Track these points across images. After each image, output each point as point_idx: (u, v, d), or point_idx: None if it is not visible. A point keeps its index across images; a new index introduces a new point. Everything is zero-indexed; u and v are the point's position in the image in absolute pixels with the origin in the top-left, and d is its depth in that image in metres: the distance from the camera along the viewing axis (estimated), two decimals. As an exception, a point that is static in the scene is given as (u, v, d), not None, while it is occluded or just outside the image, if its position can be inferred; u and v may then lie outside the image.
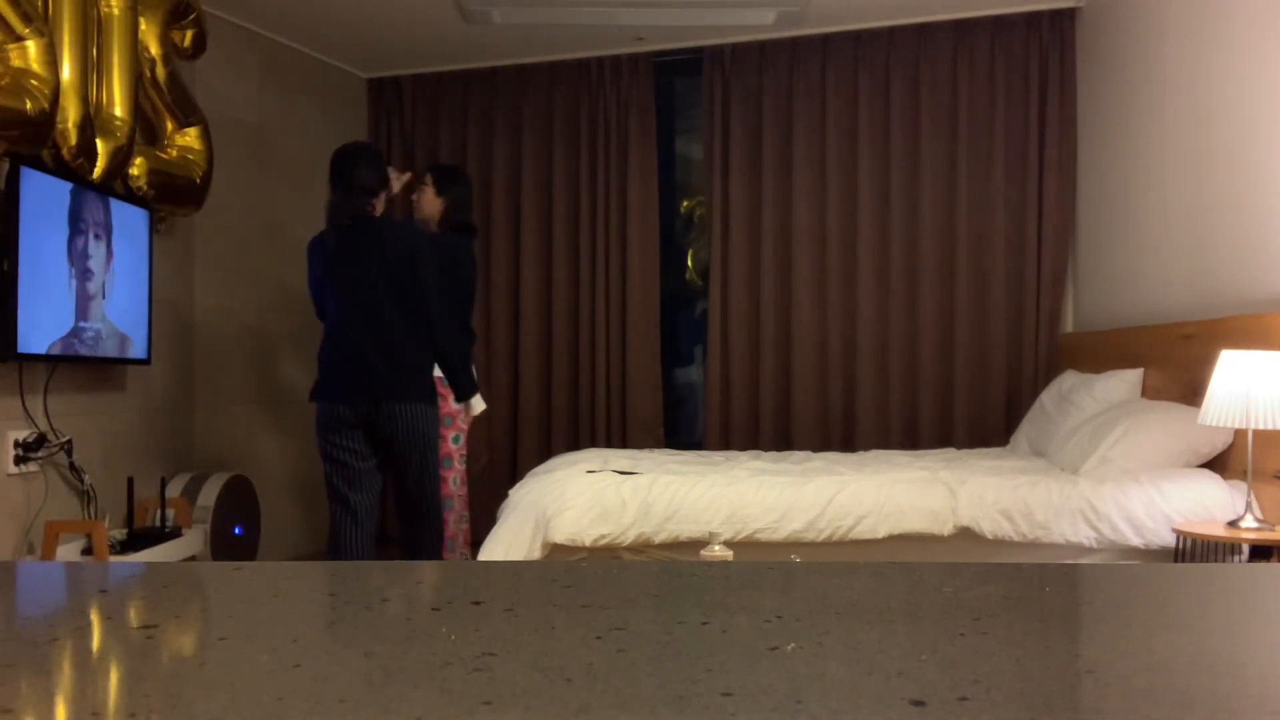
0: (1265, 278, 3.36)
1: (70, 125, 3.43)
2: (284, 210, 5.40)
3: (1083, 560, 3.24)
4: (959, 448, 4.86)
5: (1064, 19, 5.08)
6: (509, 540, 3.36)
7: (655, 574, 0.83)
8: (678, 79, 5.83)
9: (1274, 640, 0.67)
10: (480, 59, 5.72)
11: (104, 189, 3.75)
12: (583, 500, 3.39)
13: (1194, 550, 3.06)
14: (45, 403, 3.64)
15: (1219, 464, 3.46)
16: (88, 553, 3.66)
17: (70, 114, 3.42)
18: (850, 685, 0.54)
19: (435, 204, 4.22)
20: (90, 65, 3.57)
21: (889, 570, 0.84)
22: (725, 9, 4.94)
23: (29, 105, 3.13)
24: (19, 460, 3.50)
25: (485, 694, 0.52)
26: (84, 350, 3.68)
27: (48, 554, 3.48)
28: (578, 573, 0.82)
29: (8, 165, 3.27)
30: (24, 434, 3.53)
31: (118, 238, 3.87)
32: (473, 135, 5.81)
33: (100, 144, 3.62)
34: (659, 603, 0.74)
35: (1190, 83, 3.88)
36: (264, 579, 0.81)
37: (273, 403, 5.30)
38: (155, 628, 0.67)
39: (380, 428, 3.52)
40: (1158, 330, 4.00)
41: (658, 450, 4.58)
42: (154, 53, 4.03)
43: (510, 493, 3.65)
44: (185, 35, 4.24)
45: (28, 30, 3.15)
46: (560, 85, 5.70)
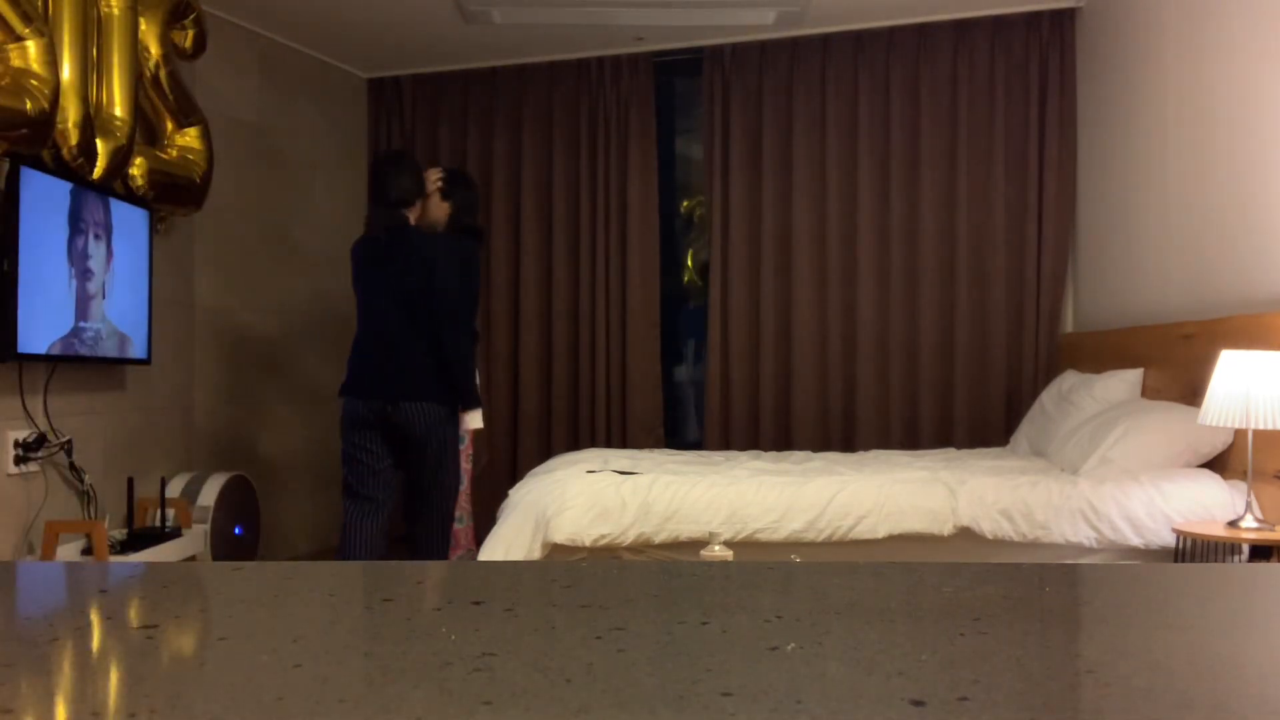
0: (1265, 278, 3.36)
1: (70, 125, 3.43)
2: (284, 210, 5.40)
3: (1083, 560, 3.24)
4: (959, 448, 4.86)
5: (1064, 19, 5.08)
6: (509, 540, 3.36)
7: (655, 574, 0.83)
8: (678, 79, 5.83)
9: (1274, 640, 0.67)
10: (480, 59, 5.72)
11: (104, 189, 3.75)
12: (583, 500, 3.39)
13: (1194, 550, 3.06)
14: (45, 403, 3.64)
15: (1219, 464, 3.46)
16: (88, 553, 3.66)
17: (70, 114, 3.42)
18: (850, 685, 0.54)
19: (442, 208, 4.23)
20: (90, 65, 3.57)
21: (889, 570, 0.84)
22: (725, 9, 4.94)
23: (29, 105, 3.13)
24: (19, 460, 3.50)
25: (485, 694, 0.52)
26: (84, 350, 3.68)
27: (48, 554, 3.48)
28: (578, 573, 0.82)
29: (8, 165, 3.27)
30: (24, 434, 3.53)
31: (118, 238, 3.87)
32: (473, 135, 5.81)
33: (100, 144, 3.62)
34: (659, 603, 0.74)
35: (1190, 83, 3.88)
36: (264, 579, 0.81)
37: (273, 402, 5.30)
38: (155, 628, 0.67)
39: (397, 426, 3.60)
40: (1158, 330, 4.00)
41: (658, 450, 4.58)
42: (154, 53, 4.03)
43: (510, 493, 3.66)
44: (185, 35, 4.24)
45: (28, 30, 3.15)
46: (560, 85, 5.70)
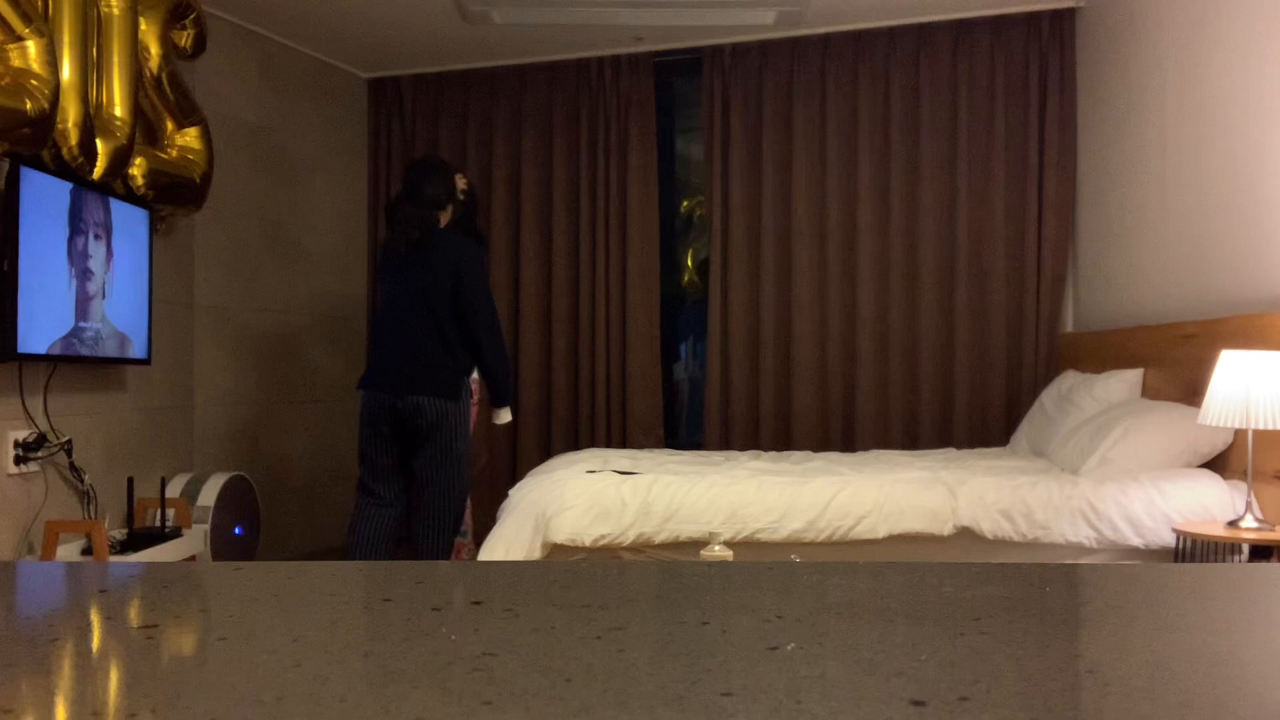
0: (1265, 278, 3.36)
1: (70, 125, 3.43)
2: (284, 210, 5.40)
3: (1083, 560, 3.24)
4: (959, 448, 4.86)
5: (1064, 19, 5.07)
6: (509, 540, 3.36)
7: (655, 574, 0.83)
8: (678, 79, 5.83)
9: (1274, 640, 0.67)
10: (480, 59, 5.72)
11: (104, 189, 3.75)
12: (583, 500, 3.39)
13: (1194, 550, 3.06)
14: (45, 403, 3.64)
15: (1219, 464, 3.46)
16: (88, 553, 3.66)
17: (70, 114, 3.42)
18: (850, 685, 0.54)
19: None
20: (90, 65, 3.57)
21: (889, 570, 0.84)
22: (725, 9, 4.94)
23: (29, 105, 3.13)
24: (19, 460, 3.50)
25: (485, 694, 0.52)
26: (84, 350, 3.68)
27: (48, 554, 3.48)
28: (578, 573, 0.82)
29: (8, 165, 3.27)
30: (24, 434, 3.53)
31: (118, 238, 3.87)
32: (473, 135, 5.81)
33: (100, 144, 3.62)
34: (659, 603, 0.74)
35: (1190, 83, 3.88)
36: (264, 579, 0.81)
37: (273, 402, 5.30)
38: (155, 628, 0.67)
39: (405, 419, 3.68)
40: (1158, 330, 4.00)
41: (658, 450, 4.58)
42: (154, 53, 4.03)
43: (510, 493, 3.65)
44: (185, 35, 4.24)
45: (28, 30, 3.15)
46: (560, 85, 5.70)
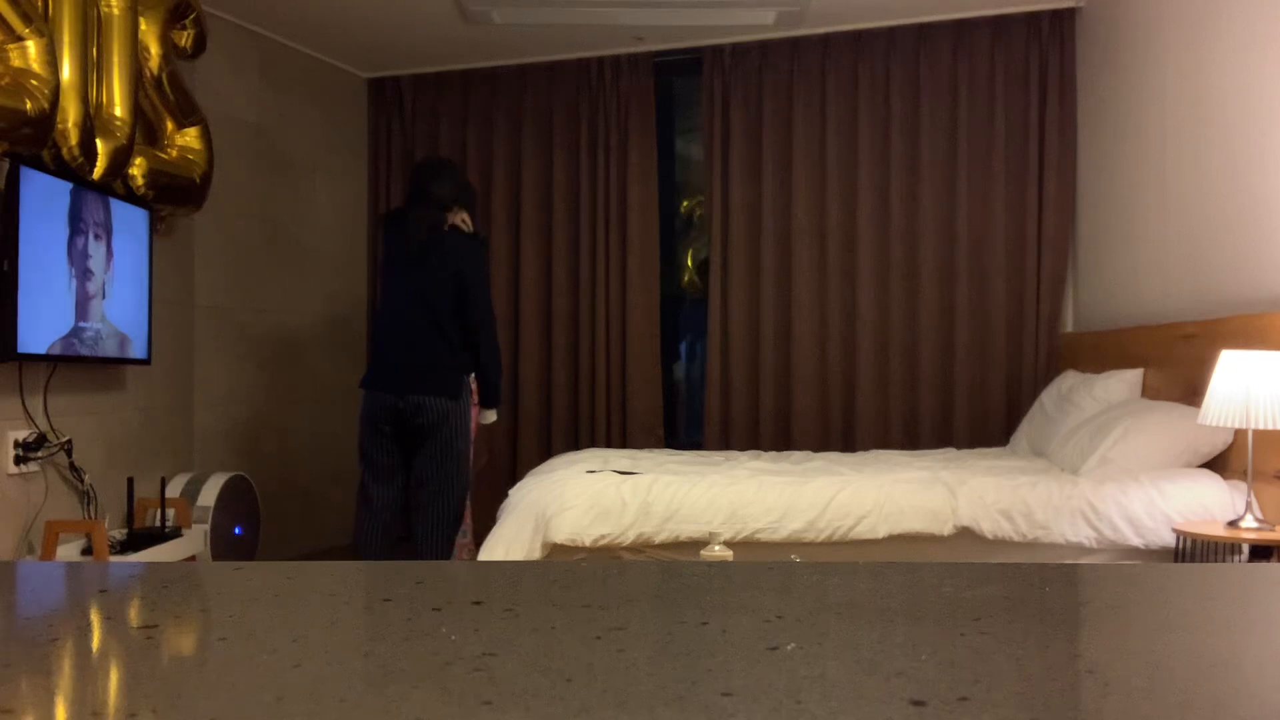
0: (1265, 278, 3.36)
1: (70, 125, 3.43)
2: (284, 210, 5.40)
3: (1083, 560, 3.24)
4: (959, 448, 4.86)
5: (1064, 19, 5.07)
6: (509, 540, 3.36)
7: (655, 574, 0.83)
8: (678, 79, 5.83)
9: (1274, 640, 0.67)
10: (480, 59, 5.72)
11: (104, 189, 3.75)
12: (583, 500, 3.39)
13: (1194, 550, 3.06)
14: (45, 403, 3.64)
15: (1219, 464, 3.46)
16: (88, 553, 3.66)
17: (70, 114, 3.42)
18: (850, 685, 0.54)
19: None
20: (90, 65, 3.57)
21: (889, 570, 0.84)
22: (725, 9, 4.94)
23: (29, 105, 3.13)
24: (19, 460, 3.50)
25: (485, 694, 0.52)
26: (84, 350, 3.68)
27: (48, 554, 3.48)
28: (578, 573, 0.82)
29: (8, 165, 3.27)
30: (24, 434, 3.53)
31: (118, 238, 3.87)
32: (473, 135, 5.81)
33: (100, 144, 3.62)
34: (659, 603, 0.74)
35: (1190, 83, 3.88)
36: (264, 579, 0.81)
37: (273, 402, 5.30)
38: (155, 628, 0.67)
39: (407, 419, 3.68)
40: (1158, 330, 4.00)
41: (658, 450, 4.58)
42: (154, 53, 4.03)
43: (510, 493, 3.65)
44: (185, 35, 4.24)
45: (28, 30, 3.15)
46: (560, 85, 5.70)
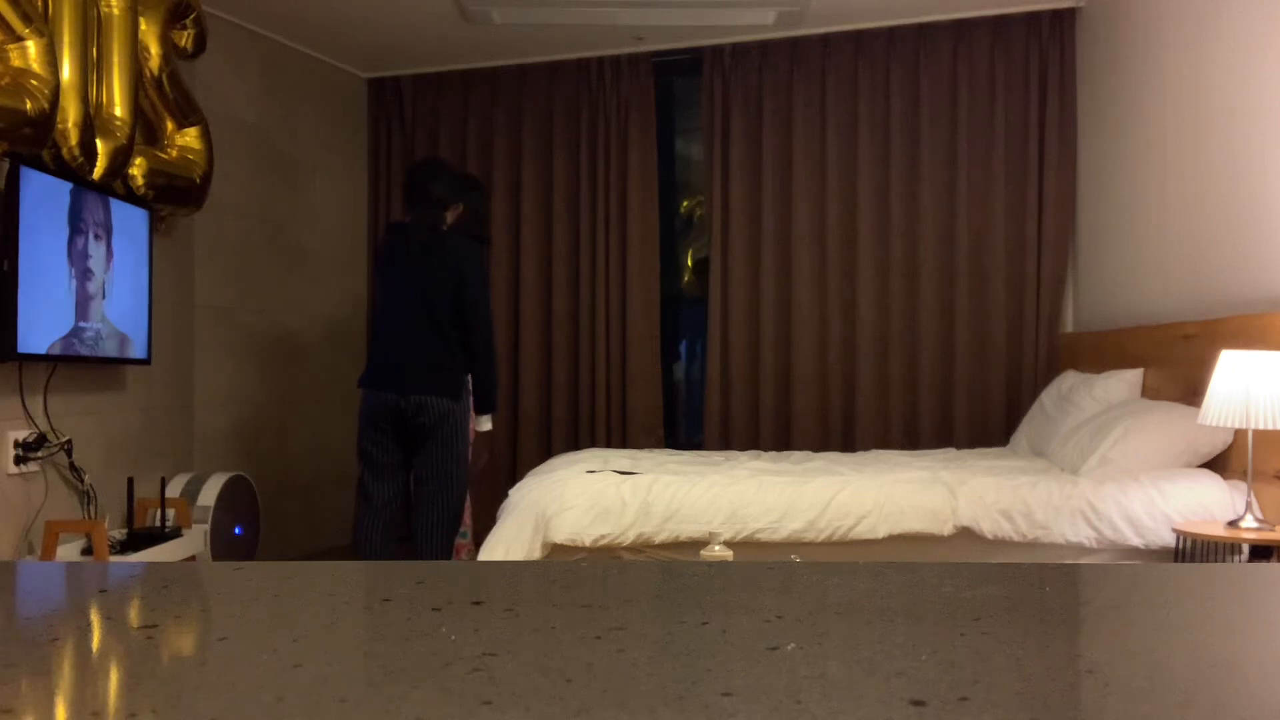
0: (1265, 278, 3.36)
1: (70, 125, 3.43)
2: (284, 210, 5.40)
3: (1083, 560, 3.24)
4: (959, 448, 4.86)
5: (1064, 19, 5.07)
6: (509, 540, 3.36)
7: (655, 574, 0.83)
8: (678, 79, 5.83)
9: (1274, 640, 0.67)
10: (480, 59, 5.72)
11: (104, 189, 3.75)
12: (583, 500, 3.39)
13: (1194, 550, 3.06)
14: (45, 403, 3.64)
15: (1219, 464, 3.46)
16: (88, 553, 3.66)
17: (70, 114, 3.42)
18: (850, 685, 0.54)
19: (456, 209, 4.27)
20: (90, 65, 3.57)
21: (889, 570, 0.84)
22: (725, 9, 4.94)
23: (29, 105, 3.13)
24: (19, 460, 3.50)
25: (485, 694, 0.52)
26: (84, 350, 3.68)
27: (48, 554, 3.48)
28: (578, 573, 0.82)
29: (8, 165, 3.27)
30: (24, 434, 3.53)
31: (118, 238, 3.87)
32: (473, 135, 5.81)
33: (100, 144, 3.62)
34: (659, 603, 0.74)
35: (1190, 83, 3.88)
36: (264, 579, 0.81)
37: (273, 402, 5.30)
38: (155, 628, 0.67)
39: (408, 419, 3.68)
40: (1158, 330, 4.00)
41: (658, 450, 4.58)
42: (154, 53, 4.03)
43: (510, 493, 3.66)
44: (185, 35, 4.24)
45: (28, 30, 3.15)
46: (560, 85, 5.70)
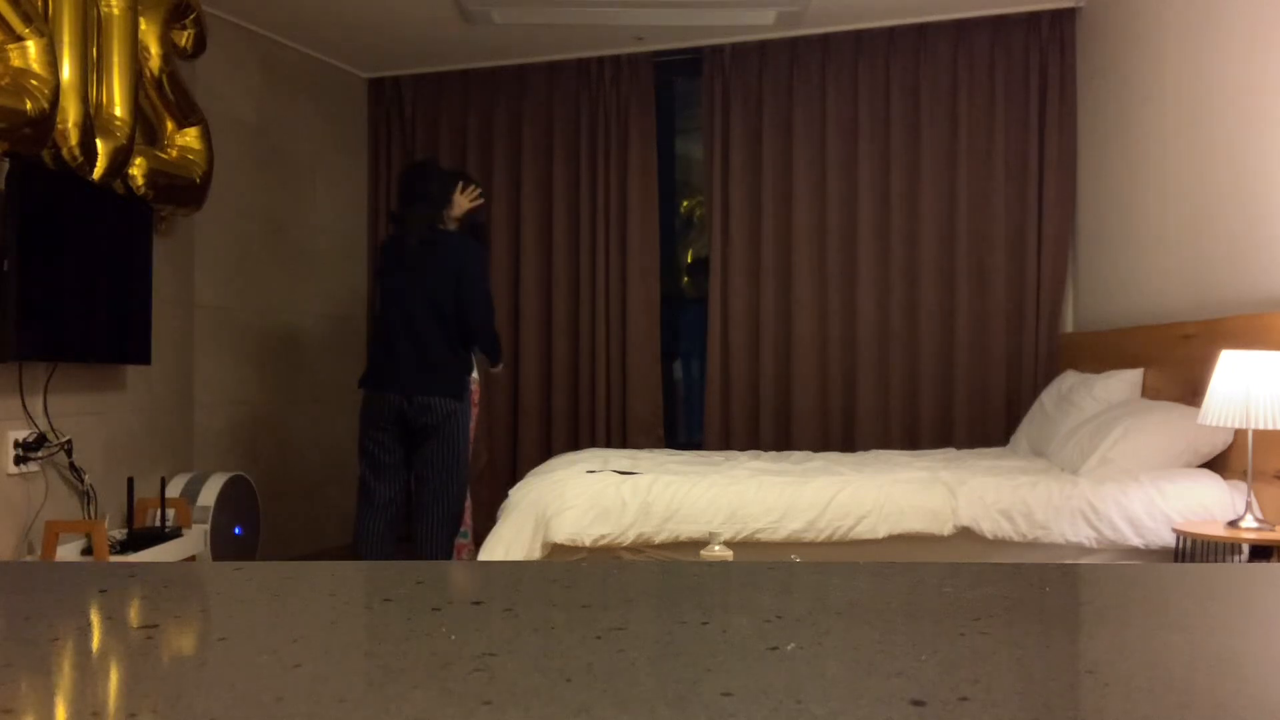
0: (1265, 278, 3.36)
1: (70, 125, 3.43)
2: (284, 210, 5.40)
3: (1083, 560, 3.24)
4: (959, 448, 4.86)
5: (1064, 19, 5.07)
6: (509, 540, 3.36)
7: (655, 574, 0.83)
8: (678, 79, 5.83)
9: (1274, 640, 0.67)
10: (480, 59, 5.72)
11: (104, 189, 3.75)
12: (583, 500, 3.39)
13: (1194, 550, 3.06)
14: (45, 403, 3.64)
15: (1219, 464, 3.46)
16: (88, 553, 3.66)
17: (70, 114, 3.42)
18: (850, 685, 0.54)
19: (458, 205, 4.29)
20: (90, 65, 3.57)
21: (889, 570, 0.84)
22: (725, 9, 4.94)
23: (29, 105, 3.13)
24: (19, 460, 3.50)
25: (485, 694, 0.52)
26: (84, 350, 3.68)
27: (48, 554, 3.48)
28: (578, 573, 0.82)
29: (8, 165, 3.27)
30: (24, 434, 3.53)
31: (118, 238, 3.87)
32: (473, 135, 5.81)
33: (100, 144, 3.62)
34: (659, 603, 0.74)
35: (1190, 83, 3.88)
36: (264, 579, 0.81)
37: (273, 402, 5.30)
38: (155, 628, 0.67)
39: (411, 419, 3.71)
40: (1158, 330, 4.00)
41: (658, 450, 4.58)
42: (154, 53, 4.03)
43: (510, 493, 3.65)
44: (185, 35, 4.23)
45: (28, 30, 3.15)
46: (560, 85, 5.69)
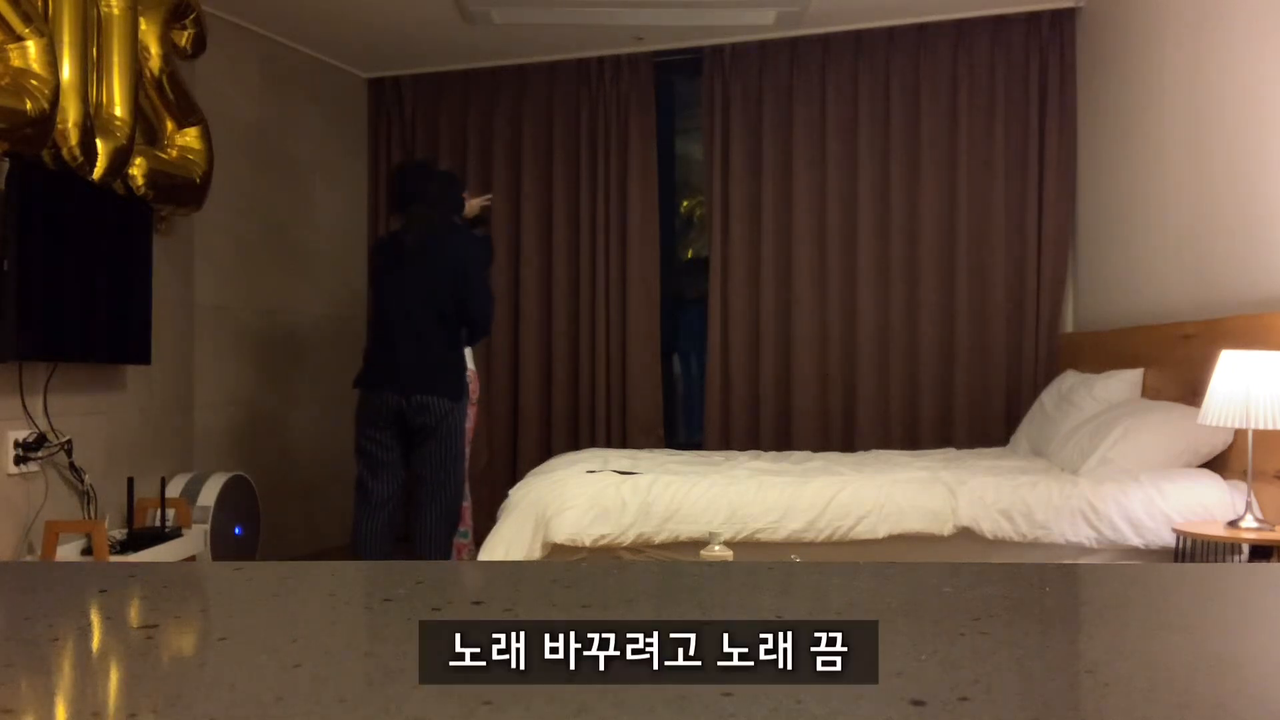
0: (1265, 278, 3.36)
1: (70, 125, 3.43)
2: (284, 210, 5.40)
3: (1083, 560, 3.24)
4: (959, 448, 4.86)
5: (1064, 19, 5.07)
6: (509, 540, 3.36)
7: (655, 574, 0.83)
8: (678, 79, 5.83)
9: (1274, 640, 0.67)
10: (480, 59, 5.71)
11: (104, 189, 3.75)
12: (583, 500, 3.39)
13: (1194, 550, 3.06)
14: (45, 403, 3.64)
15: (1219, 464, 3.46)
16: (88, 553, 3.66)
17: (70, 114, 3.42)
18: (850, 685, 0.54)
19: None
20: (90, 65, 3.57)
21: (889, 570, 0.84)
22: (725, 9, 4.94)
23: (29, 105, 3.13)
24: (19, 460, 3.50)
25: (485, 694, 0.52)
26: (84, 350, 3.68)
27: (48, 554, 3.48)
28: (578, 573, 0.82)
29: (8, 165, 3.27)
30: (24, 434, 3.53)
31: (118, 238, 3.87)
32: (473, 135, 5.81)
33: (100, 144, 3.62)
34: (659, 603, 0.74)
35: (1190, 83, 3.88)
36: (264, 579, 0.81)
37: (273, 402, 5.30)
38: (155, 628, 0.67)
39: (409, 418, 3.71)
40: (1158, 330, 4.00)
41: (658, 450, 4.58)
42: (154, 53, 4.03)
43: (510, 493, 3.65)
44: (185, 35, 4.23)
45: (28, 30, 3.15)
46: (560, 85, 5.69)
